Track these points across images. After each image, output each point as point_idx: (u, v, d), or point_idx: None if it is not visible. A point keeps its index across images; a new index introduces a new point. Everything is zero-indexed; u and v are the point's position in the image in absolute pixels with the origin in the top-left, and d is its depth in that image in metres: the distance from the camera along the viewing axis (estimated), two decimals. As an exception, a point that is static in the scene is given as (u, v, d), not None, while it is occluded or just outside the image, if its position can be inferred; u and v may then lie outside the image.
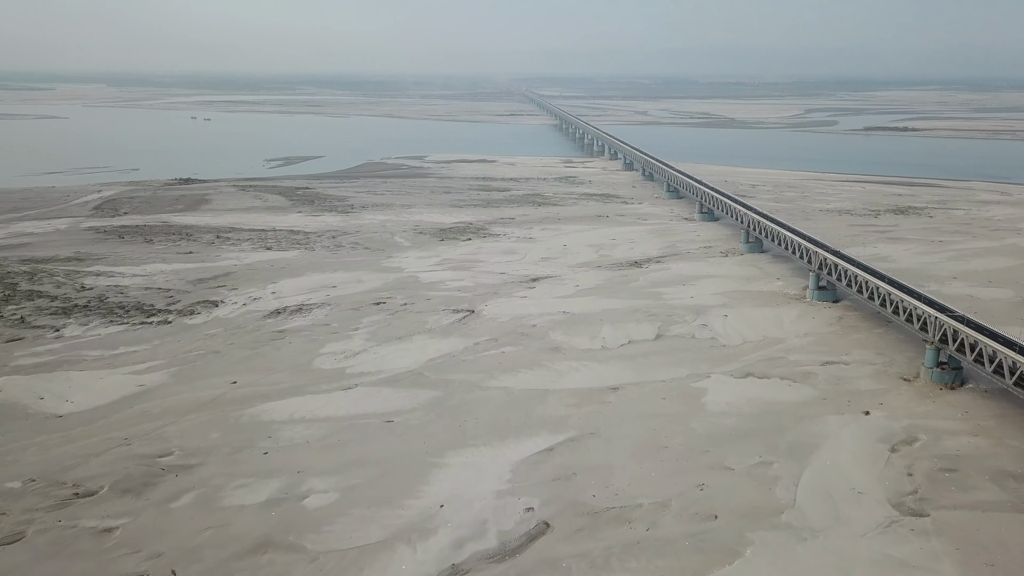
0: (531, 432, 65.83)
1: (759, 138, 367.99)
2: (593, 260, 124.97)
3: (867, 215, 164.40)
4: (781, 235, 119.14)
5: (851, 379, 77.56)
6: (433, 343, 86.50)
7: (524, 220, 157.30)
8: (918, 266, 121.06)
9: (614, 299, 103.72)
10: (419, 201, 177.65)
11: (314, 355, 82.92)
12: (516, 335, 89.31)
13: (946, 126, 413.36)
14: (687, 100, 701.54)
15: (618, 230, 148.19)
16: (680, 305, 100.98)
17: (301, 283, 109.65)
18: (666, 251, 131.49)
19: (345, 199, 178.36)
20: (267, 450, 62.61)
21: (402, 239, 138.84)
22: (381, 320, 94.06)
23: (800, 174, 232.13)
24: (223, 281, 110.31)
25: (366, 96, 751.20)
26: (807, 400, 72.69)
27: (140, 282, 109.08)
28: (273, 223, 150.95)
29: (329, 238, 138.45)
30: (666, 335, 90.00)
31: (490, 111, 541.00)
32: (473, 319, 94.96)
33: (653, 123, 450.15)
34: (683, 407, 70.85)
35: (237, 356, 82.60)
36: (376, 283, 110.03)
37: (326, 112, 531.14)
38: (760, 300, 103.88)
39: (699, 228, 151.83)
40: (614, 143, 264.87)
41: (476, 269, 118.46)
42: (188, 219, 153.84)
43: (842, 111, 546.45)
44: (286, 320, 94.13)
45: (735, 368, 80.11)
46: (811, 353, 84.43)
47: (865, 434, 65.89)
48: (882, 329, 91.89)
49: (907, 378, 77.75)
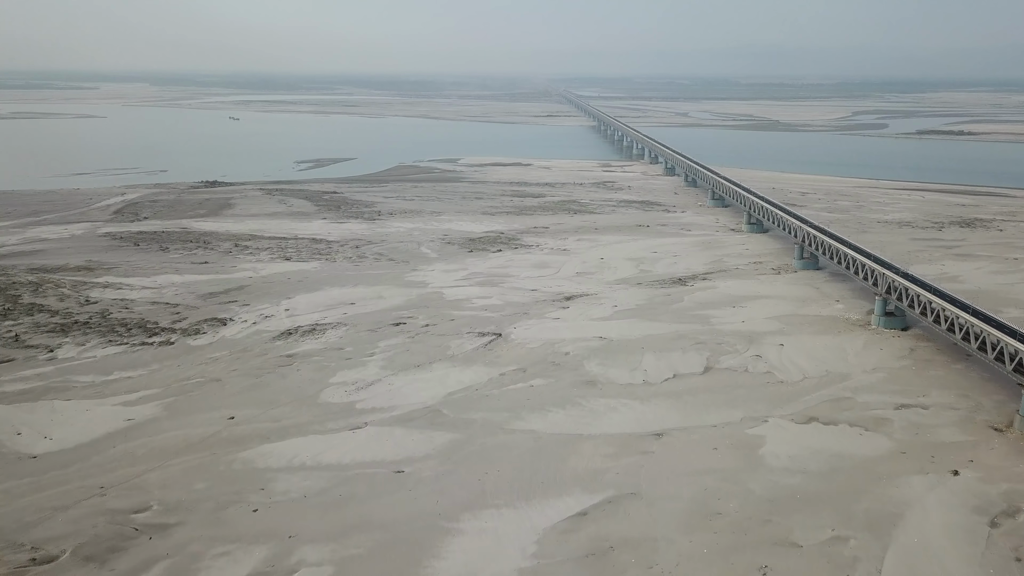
0: (561, 490, 56.89)
1: (805, 141, 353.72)
2: (632, 276, 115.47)
3: (930, 228, 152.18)
4: (840, 252, 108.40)
5: (932, 428, 67.21)
6: (454, 373, 77.98)
7: (559, 229, 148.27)
8: (993, 287, 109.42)
9: (656, 323, 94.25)
10: (449, 208, 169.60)
11: (323, 385, 74.93)
12: (547, 365, 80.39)
13: (1005, 130, 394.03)
14: (728, 101, 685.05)
15: (659, 241, 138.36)
16: (730, 331, 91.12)
17: (318, 299, 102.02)
18: (712, 266, 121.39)
19: (373, 205, 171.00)
20: (257, 506, 54.55)
21: (429, 249, 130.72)
22: (399, 344, 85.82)
23: (852, 181, 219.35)
24: (235, 295, 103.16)
25: (402, 96, 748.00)
26: (883, 454, 62.60)
27: (148, 295, 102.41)
28: (295, 230, 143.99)
29: (352, 248, 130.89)
30: (715, 367, 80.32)
31: (527, 112, 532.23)
32: (500, 344, 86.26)
33: (694, 125, 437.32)
34: (738, 460, 61.28)
35: (239, 385, 74.94)
36: (398, 300, 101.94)
37: (361, 112, 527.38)
38: (819, 326, 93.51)
39: (747, 240, 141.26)
40: (654, 146, 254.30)
41: (505, 285, 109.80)
42: (208, 225, 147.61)
43: (891, 114, 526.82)
44: (297, 342, 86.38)
45: (796, 411, 70.20)
46: (882, 393, 74.11)
47: (957, 501, 55.70)
48: (962, 364, 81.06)
49: (999, 428, 67.16)
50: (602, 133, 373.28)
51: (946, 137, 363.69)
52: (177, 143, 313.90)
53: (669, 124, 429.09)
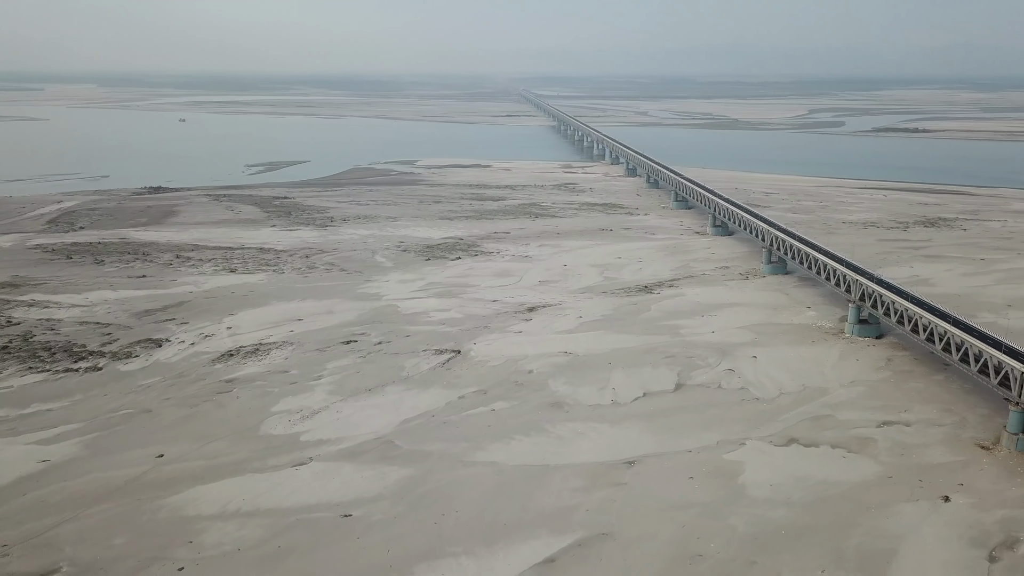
0: (527, 532, 51.54)
1: (765, 140, 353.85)
2: (597, 284, 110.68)
3: (895, 228, 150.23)
4: (811, 257, 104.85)
5: (918, 447, 63.34)
6: (409, 397, 72.17)
7: (520, 235, 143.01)
8: (965, 290, 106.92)
9: (623, 335, 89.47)
10: (406, 212, 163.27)
11: (264, 415, 68.58)
12: (510, 385, 75.00)
13: (958, 127, 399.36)
14: (688, 100, 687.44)
15: (624, 246, 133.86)
16: (701, 343, 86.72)
17: (263, 315, 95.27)
18: (679, 272, 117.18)
19: (325, 210, 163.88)
20: (184, 563, 48.25)
21: (383, 258, 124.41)
22: (350, 365, 79.67)
23: (815, 180, 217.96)
24: (174, 313, 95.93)
25: (361, 96, 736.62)
26: (870, 480, 58.44)
27: (77, 315, 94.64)
28: (242, 239, 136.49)
29: (302, 257, 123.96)
30: (687, 384, 75.74)
31: (487, 112, 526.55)
32: (459, 362, 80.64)
33: (655, 124, 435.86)
34: (717, 491, 56.56)
35: (171, 417, 68.22)
36: (349, 315, 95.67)
37: (317, 113, 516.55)
38: (793, 336, 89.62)
39: (713, 244, 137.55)
40: (615, 147, 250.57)
41: (465, 296, 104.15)
42: (149, 235, 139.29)
43: (847, 111, 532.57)
44: (238, 365, 79.72)
45: (775, 432, 65.85)
46: (863, 410, 70.18)
47: (952, 533, 51.66)
48: (942, 375, 77.66)
49: (985, 446, 63.56)
50: (562, 133, 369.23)
51: (902, 135, 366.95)
52: (121, 147, 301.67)
53: (629, 123, 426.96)
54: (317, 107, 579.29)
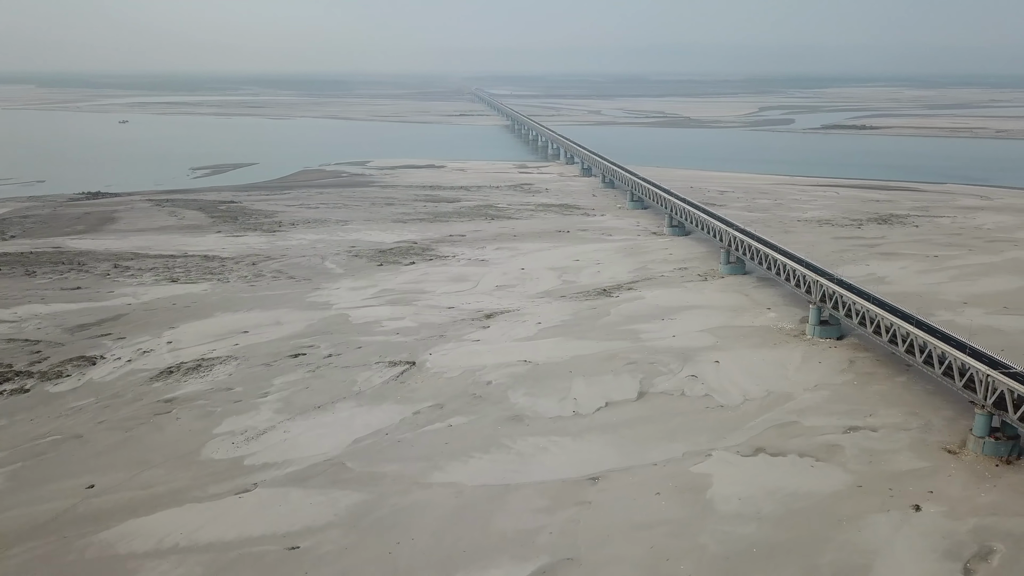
0: (488, 559, 48.59)
1: (718, 138, 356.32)
2: (556, 288, 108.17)
3: (849, 225, 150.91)
4: (770, 257, 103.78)
5: (885, 453, 62.03)
6: (361, 414, 68.60)
7: (476, 237, 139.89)
8: (922, 288, 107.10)
9: (584, 341, 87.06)
10: (357, 215, 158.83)
11: (206, 437, 64.38)
12: (467, 398, 71.91)
13: (904, 124, 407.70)
14: (641, 99, 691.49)
15: (581, 248, 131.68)
16: (662, 348, 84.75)
17: (206, 328, 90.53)
18: (638, 274, 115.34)
19: (273, 215, 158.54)
20: (113, 610, 44.17)
21: (334, 264, 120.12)
22: (298, 380, 75.69)
23: (769, 178, 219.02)
24: (110, 327, 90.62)
25: (311, 96, 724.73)
26: (840, 490, 56.80)
27: (4, 331, 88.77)
28: (186, 246, 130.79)
29: (248, 265, 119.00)
30: (650, 392, 73.57)
31: (440, 111, 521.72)
32: (414, 375, 77.26)
33: (608, 123, 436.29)
34: (686, 508, 54.31)
35: (104, 442, 63.61)
36: (298, 326, 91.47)
37: (267, 114, 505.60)
38: (754, 339, 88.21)
39: (670, 244, 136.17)
40: (570, 146, 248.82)
41: (420, 303, 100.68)
42: (86, 243, 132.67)
43: (796, 109, 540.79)
44: (179, 383, 75.16)
45: (741, 441, 63.96)
46: (829, 415, 68.79)
47: (926, 545, 50.17)
48: (904, 377, 76.81)
49: (952, 450, 62.53)
50: (517, 133, 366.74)
51: (850, 132, 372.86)
52: (59, 150, 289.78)
53: (583, 123, 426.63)
54: (266, 107, 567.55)
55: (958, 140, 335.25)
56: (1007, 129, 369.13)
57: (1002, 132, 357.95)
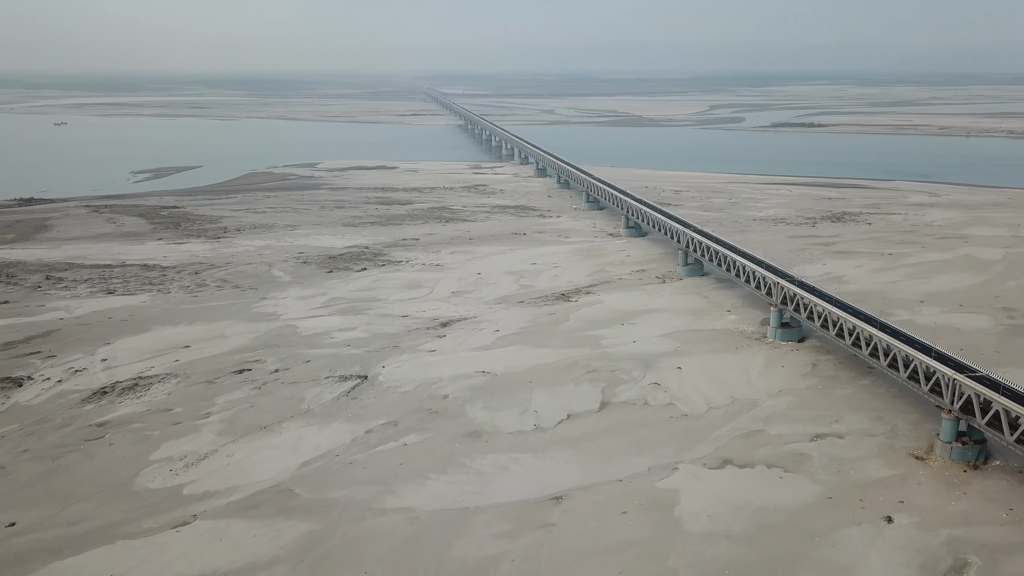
0: (446, 593, 45.44)
1: (671, 137, 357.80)
2: (514, 293, 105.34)
3: (804, 224, 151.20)
4: (729, 259, 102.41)
5: (853, 462, 60.56)
6: (310, 434, 64.79)
7: (430, 241, 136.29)
8: (878, 287, 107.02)
9: (543, 348, 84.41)
10: (306, 220, 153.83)
11: (142, 464, 59.94)
12: (423, 414, 68.59)
13: (850, 121, 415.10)
14: (593, 97, 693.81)
15: (538, 251, 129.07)
16: (623, 354, 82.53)
17: (144, 343, 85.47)
18: (595, 278, 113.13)
19: (218, 220, 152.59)
20: (32, 668, 39.86)
21: (281, 272, 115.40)
22: (242, 399, 71.47)
23: (722, 176, 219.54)
24: (39, 344, 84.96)
25: (259, 96, 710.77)
26: (810, 502, 55.03)
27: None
28: (124, 255, 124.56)
29: (191, 274, 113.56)
30: (613, 402, 71.20)
31: (391, 111, 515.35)
32: (366, 389, 73.63)
33: (561, 122, 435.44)
34: (653, 527, 51.89)
35: (28, 474, 58.71)
36: (243, 339, 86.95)
37: (213, 115, 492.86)
38: (716, 343, 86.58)
39: (627, 246, 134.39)
40: (524, 147, 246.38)
41: (372, 312, 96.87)
42: (15, 253, 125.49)
43: (745, 107, 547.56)
44: (113, 404, 70.33)
45: (707, 452, 61.92)
46: (794, 422, 67.24)
47: (900, 559, 48.56)
48: (867, 379, 75.81)
49: (920, 456, 61.40)
50: (470, 132, 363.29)
51: (799, 129, 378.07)
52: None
53: (536, 122, 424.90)
54: (212, 108, 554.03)
55: (903, 137, 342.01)
56: (949, 126, 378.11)
57: (944, 129, 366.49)
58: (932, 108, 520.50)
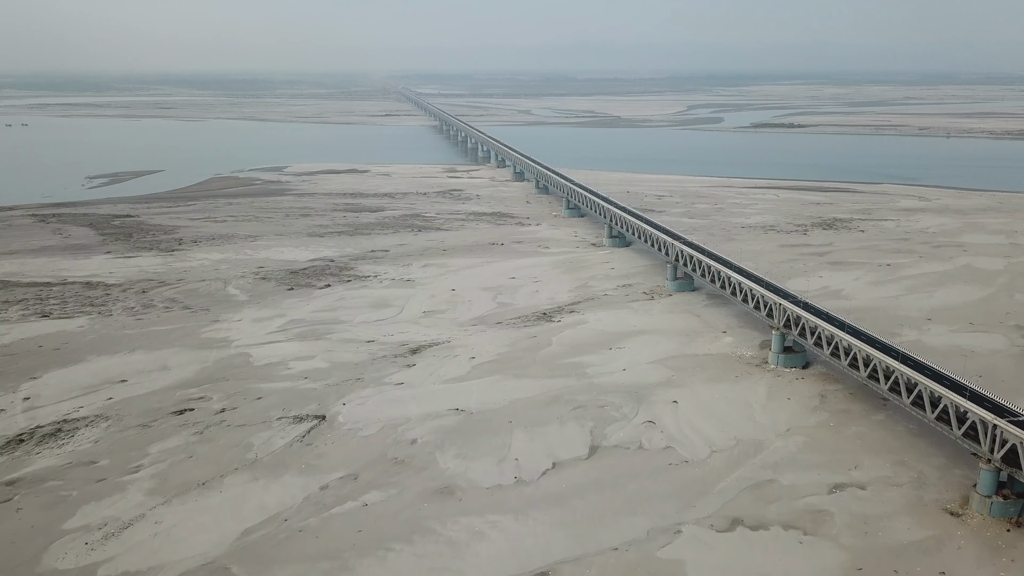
0: None
1: (650, 138, 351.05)
2: (491, 312, 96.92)
3: (795, 231, 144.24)
4: (723, 275, 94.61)
5: (880, 520, 52.89)
6: (255, 492, 55.94)
7: (401, 252, 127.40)
8: (880, 303, 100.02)
9: (523, 379, 76.14)
10: (269, 229, 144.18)
11: (51, 536, 50.74)
12: (387, 464, 59.98)
13: (829, 121, 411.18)
14: (569, 97, 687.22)
15: (517, 264, 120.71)
16: (612, 385, 74.52)
17: (75, 377, 75.99)
18: (578, 294, 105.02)
19: (174, 230, 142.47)
20: None
21: (237, 289, 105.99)
22: (180, 447, 62.37)
23: (705, 180, 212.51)
24: (-46, 380, 75.06)
25: (228, 96, 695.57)
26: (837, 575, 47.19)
27: None
28: (66, 271, 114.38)
29: (137, 293, 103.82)
30: (603, 445, 63.09)
31: (364, 111, 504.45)
32: (323, 433, 64.86)
33: (538, 123, 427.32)
34: (657, 614, 43.77)
35: (-88, 552, 49.21)
36: (187, 371, 77.72)
37: (179, 115, 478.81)
38: (712, 370, 78.77)
39: (611, 257, 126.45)
40: (501, 149, 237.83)
41: (334, 336, 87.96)
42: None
43: (723, 107, 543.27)
44: (28, 457, 60.91)
45: (713, 510, 53.96)
46: (808, 468, 59.53)
47: (952, 654, 40.81)
48: (882, 415, 68.44)
49: (954, 511, 53.91)
50: (445, 134, 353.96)
51: (779, 130, 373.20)
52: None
53: (513, 123, 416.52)
54: (179, 108, 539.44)
55: (883, 137, 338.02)
56: (928, 127, 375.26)
57: (924, 129, 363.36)
58: (909, 108, 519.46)
